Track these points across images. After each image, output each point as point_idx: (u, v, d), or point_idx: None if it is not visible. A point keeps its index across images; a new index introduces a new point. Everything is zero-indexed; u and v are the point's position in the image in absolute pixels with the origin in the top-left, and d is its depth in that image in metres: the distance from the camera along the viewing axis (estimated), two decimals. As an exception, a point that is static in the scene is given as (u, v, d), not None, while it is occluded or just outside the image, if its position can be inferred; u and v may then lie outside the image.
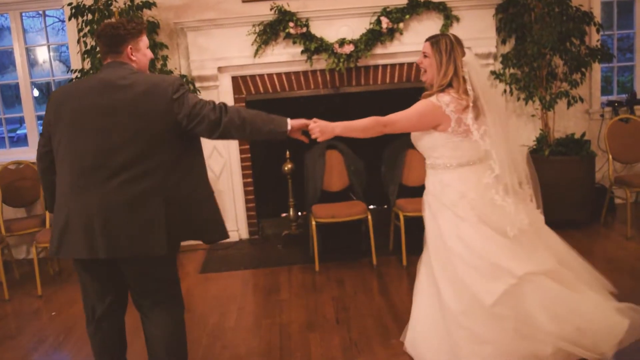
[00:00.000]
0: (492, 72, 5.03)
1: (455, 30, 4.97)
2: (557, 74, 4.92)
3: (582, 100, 4.88)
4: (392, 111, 2.68)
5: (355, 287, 3.98)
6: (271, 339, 3.31)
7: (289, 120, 2.49)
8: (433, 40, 2.64)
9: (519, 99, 5.09)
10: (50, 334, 3.62)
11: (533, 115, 5.14)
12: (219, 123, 2.36)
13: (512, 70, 5.02)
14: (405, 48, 5.00)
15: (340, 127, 2.64)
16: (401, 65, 5.13)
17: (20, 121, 5.17)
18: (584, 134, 4.96)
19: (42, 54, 5.32)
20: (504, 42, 5.13)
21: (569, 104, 4.85)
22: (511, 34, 5.07)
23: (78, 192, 2.33)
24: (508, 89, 5.04)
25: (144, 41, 2.50)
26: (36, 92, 5.47)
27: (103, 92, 2.34)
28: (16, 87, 5.26)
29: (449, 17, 4.92)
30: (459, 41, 2.64)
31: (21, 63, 5.14)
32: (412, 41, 4.97)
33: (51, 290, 4.38)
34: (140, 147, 2.29)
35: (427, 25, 4.96)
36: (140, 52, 2.48)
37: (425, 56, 2.66)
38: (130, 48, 2.44)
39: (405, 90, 5.18)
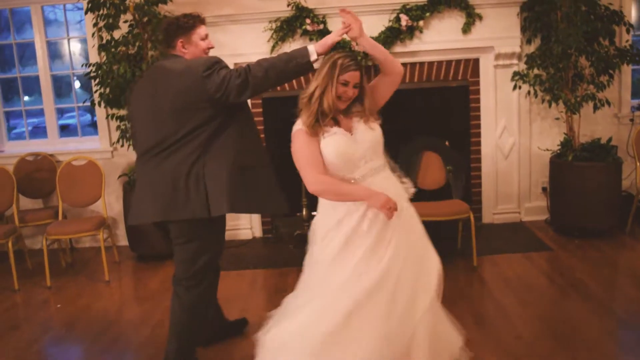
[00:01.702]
0: (516, 73, 4.86)
1: (478, 29, 4.84)
2: (583, 75, 4.70)
3: (609, 103, 4.65)
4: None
5: (362, 291, 3.88)
6: (270, 341, 3.24)
7: (311, 46, 2.42)
8: (360, 67, 2.31)
9: (543, 101, 4.90)
10: (54, 326, 3.64)
11: (557, 119, 4.95)
12: (247, 83, 2.43)
13: (536, 71, 4.84)
14: (425, 47, 4.87)
15: (369, 39, 2.40)
16: (421, 64, 4.99)
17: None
18: (610, 139, 4.73)
19: (68, 47, 5.37)
20: (529, 41, 4.94)
21: (596, 107, 4.64)
22: (536, 33, 4.88)
23: (140, 166, 2.69)
24: (532, 91, 4.85)
25: (198, 34, 2.64)
26: (78, 84, 5.56)
27: (149, 78, 2.69)
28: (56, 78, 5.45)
29: (471, 15, 4.77)
30: None
31: (42, 56, 5.19)
32: (433, 40, 4.85)
33: (62, 281, 4.41)
34: (180, 124, 2.49)
35: (449, 24, 4.83)
36: (192, 45, 2.63)
37: (355, 87, 2.32)
38: (181, 42, 2.62)
39: (425, 89, 5.05)
